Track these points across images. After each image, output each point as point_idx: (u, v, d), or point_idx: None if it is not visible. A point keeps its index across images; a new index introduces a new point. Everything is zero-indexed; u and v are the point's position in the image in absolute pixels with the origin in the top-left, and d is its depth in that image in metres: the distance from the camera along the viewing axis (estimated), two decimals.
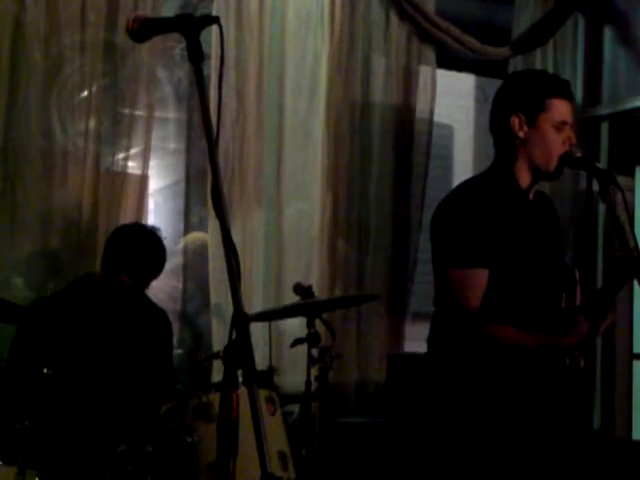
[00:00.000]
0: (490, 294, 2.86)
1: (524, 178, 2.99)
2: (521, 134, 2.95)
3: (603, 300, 2.85)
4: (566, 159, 2.95)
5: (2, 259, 3.86)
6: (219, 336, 4.18)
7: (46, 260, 3.92)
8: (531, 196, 3.04)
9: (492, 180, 2.98)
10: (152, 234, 3.52)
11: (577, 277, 2.96)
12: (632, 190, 5.06)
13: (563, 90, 3.00)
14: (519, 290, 2.90)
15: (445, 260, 2.91)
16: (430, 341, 3.06)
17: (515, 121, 2.95)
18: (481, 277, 2.86)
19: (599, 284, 4.93)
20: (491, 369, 2.89)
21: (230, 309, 4.11)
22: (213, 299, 4.21)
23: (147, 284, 3.54)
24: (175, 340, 3.92)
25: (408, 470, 3.82)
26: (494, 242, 2.86)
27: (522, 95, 2.97)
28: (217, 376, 4.07)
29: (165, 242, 3.59)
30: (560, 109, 2.95)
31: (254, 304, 4.18)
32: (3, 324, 3.41)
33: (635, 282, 2.81)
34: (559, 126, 2.94)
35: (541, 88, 2.97)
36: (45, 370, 3.09)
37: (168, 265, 4.18)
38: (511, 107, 2.97)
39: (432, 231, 3.01)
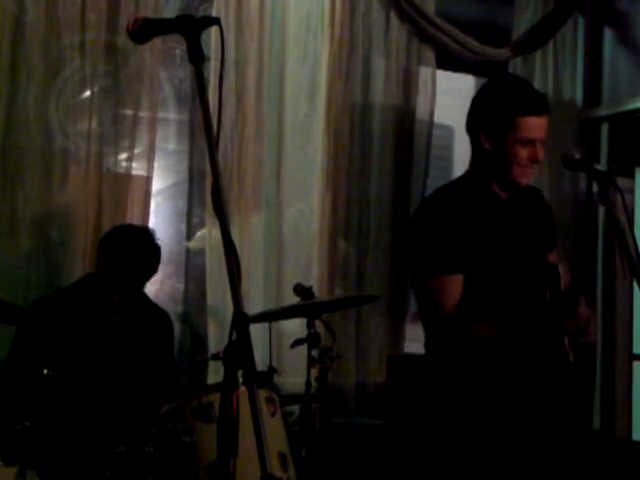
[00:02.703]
0: (472, 297, 2.88)
1: (497, 186, 3.02)
2: (487, 146, 2.98)
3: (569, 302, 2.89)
4: (566, 161, 2.96)
5: (2, 259, 3.86)
6: (215, 337, 4.18)
7: (47, 261, 3.93)
8: (507, 197, 3.05)
9: (465, 185, 3.01)
10: (142, 233, 3.52)
11: (560, 272, 2.97)
12: (632, 192, 5.05)
13: (534, 106, 2.99)
14: (500, 290, 2.92)
15: (419, 269, 2.93)
16: (426, 346, 3.08)
17: (482, 134, 2.98)
18: (456, 283, 2.88)
19: (598, 286, 4.94)
20: (484, 371, 2.90)
21: (228, 310, 4.13)
22: (210, 300, 4.21)
23: (142, 283, 3.52)
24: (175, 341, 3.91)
25: (407, 471, 3.82)
26: (467, 246, 2.88)
27: (491, 111, 2.99)
28: (214, 377, 4.08)
29: (166, 243, 3.58)
30: (528, 126, 2.95)
31: (254, 305, 4.18)
32: (3, 325, 3.41)
33: (635, 283, 2.81)
34: (526, 144, 2.95)
35: (510, 106, 2.97)
36: (45, 371, 3.09)
37: (169, 266, 4.18)
38: (480, 121, 3.00)
39: (405, 242, 3.04)
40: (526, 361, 2.92)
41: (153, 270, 3.51)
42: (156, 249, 3.50)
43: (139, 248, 3.45)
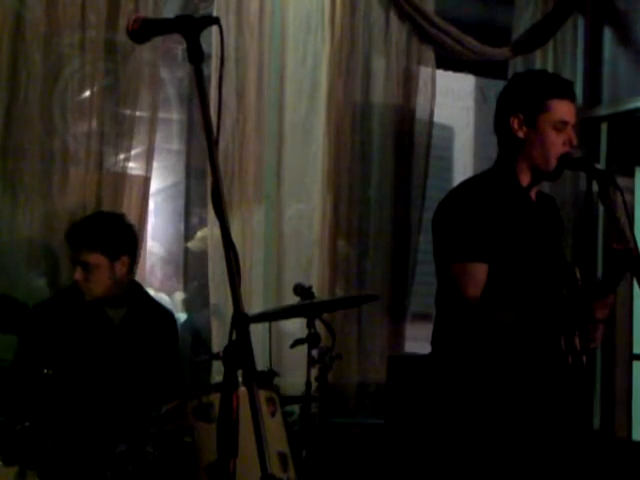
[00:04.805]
0: (491, 289, 2.88)
1: (524, 178, 3.00)
2: (520, 134, 2.97)
3: (601, 292, 2.86)
4: (565, 160, 2.96)
5: (3, 259, 3.86)
6: (219, 337, 4.18)
7: (47, 260, 3.93)
8: (533, 196, 3.05)
9: (494, 178, 3.00)
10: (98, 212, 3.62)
11: (578, 274, 2.97)
12: (632, 191, 5.06)
13: (564, 90, 3.00)
14: (519, 286, 2.91)
15: (446, 255, 2.93)
16: (433, 342, 3.07)
17: (514, 122, 2.97)
18: (480, 271, 2.88)
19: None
20: (495, 370, 2.89)
21: (230, 309, 4.12)
22: (212, 300, 4.21)
23: (94, 250, 3.47)
24: None
25: (408, 471, 3.82)
26: (494, 238, 2.87)
27: (522, 96, 2.98)
28: (217, 377, 4.08)
29: (165, 243, 3.58)
30: (560, 109, 2.96)
31: (254, 304, 4.18)
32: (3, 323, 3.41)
33: (635, 282, 2.81)
34: (559, 126, 2.95)
35: (541, 88, 2.98)
36: (45, 370, 3.09)
37: (169, 266, 4.18)
38: (511, 108, 2.99)
39: (433, 227, 3.03)
40: (539, 363, 2.91)
41: (105, 237, 3.48)
42: (108, 218, 3.55)
43: (88, 216, 3.58)
